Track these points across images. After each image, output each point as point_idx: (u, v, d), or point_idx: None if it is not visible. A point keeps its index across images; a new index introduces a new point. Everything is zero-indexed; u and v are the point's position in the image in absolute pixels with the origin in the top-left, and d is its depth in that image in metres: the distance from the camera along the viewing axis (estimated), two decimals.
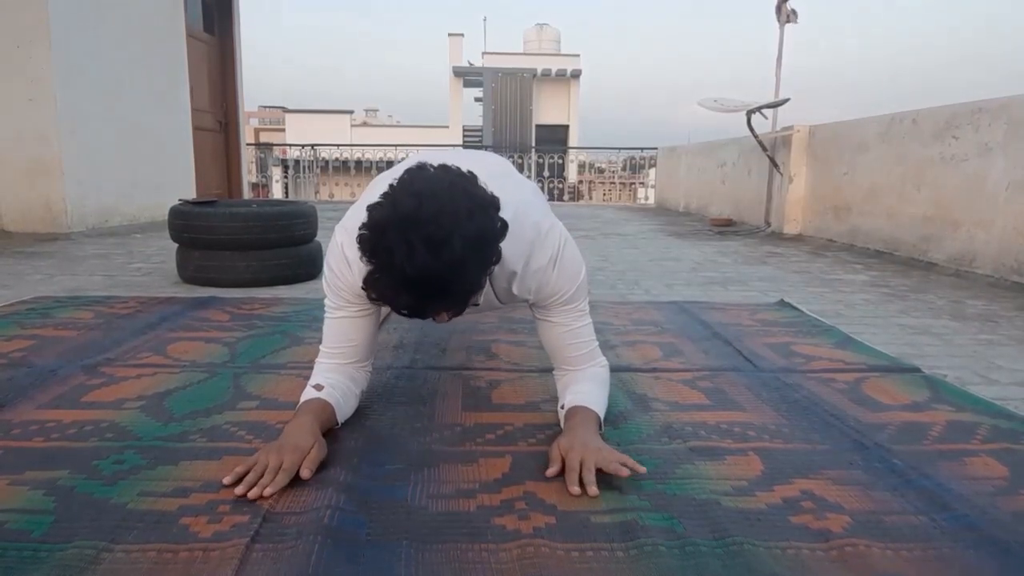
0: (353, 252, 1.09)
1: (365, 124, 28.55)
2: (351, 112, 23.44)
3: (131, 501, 0.98)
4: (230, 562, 0.82)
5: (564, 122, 18.99)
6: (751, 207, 5.73)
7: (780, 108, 5.17)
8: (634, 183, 12.46)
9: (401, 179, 1.05)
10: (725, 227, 5.78)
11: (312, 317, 2.15)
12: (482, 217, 1.03)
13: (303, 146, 11.51)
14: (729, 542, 0.89)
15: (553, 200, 10.42)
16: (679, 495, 1.02)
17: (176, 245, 2.89)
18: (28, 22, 4.24)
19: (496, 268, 1.27)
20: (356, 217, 1.11)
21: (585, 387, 1.30)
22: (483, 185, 1.10)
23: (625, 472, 1.03)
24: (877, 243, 4.02)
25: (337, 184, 11.77)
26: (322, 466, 1.09)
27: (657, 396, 1.48)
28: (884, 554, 0.87)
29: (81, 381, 1.51)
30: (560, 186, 10.37)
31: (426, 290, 1.00)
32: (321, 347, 1.33)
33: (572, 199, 10.74)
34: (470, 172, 1.10)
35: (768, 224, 5.25)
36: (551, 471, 1.07)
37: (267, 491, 0.99)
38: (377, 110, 40.28)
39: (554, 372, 1.38)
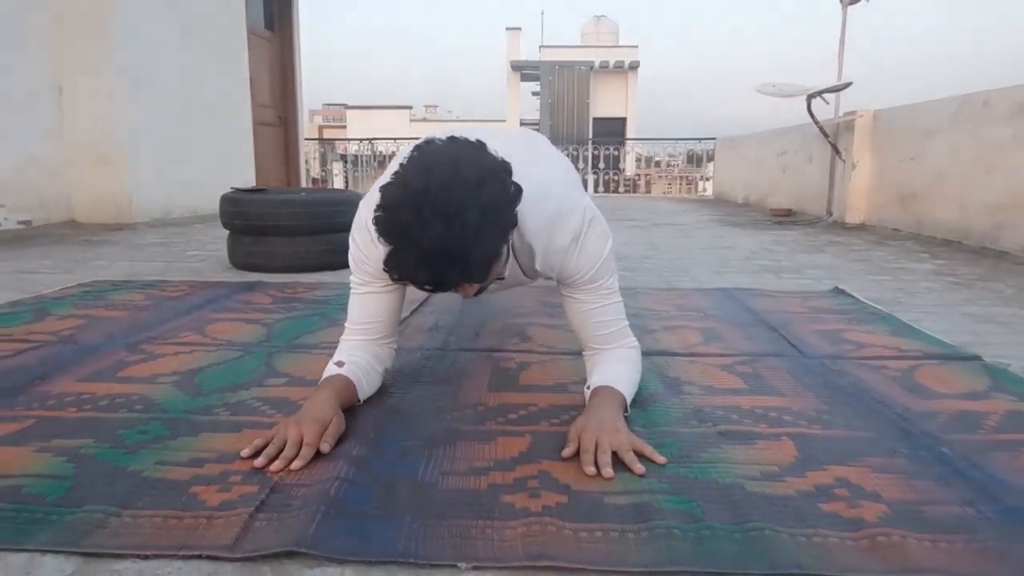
0: None
1: (425, 120, 28.92)
2: (410, 108, 23.74)
3: (147, 469, 0.99)
4: (232, 529, 0.82)
5: (621, 115, 18.74)
6: (812, 197, 5.51)
7: (843, 93, 4.95)
8: (695, 176, 12.20)
9: (410, 156, 1.04)
10: (785, 218, 5.58)
11: (338, 296, 2.16)
12: (493, 183, 1.00)
13: (361, 140, 11.70)
14: (749, 527, 0.83)
15: (608, 192, 10.29)
16: (701, 479, 0.97)
17: (228, 232, 2.96)
18: (95, 22, 4.42)
19: (516, 242, 1.25)
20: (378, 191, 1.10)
21: (612, 367, 1.25)
22: (493, 152, 1.07)
23: (640, 468, 0.98)
24: (945, 232, 3.79)
25: None
26: (340, 440, 1.08)
27: (691, 380, 1.42)
28: (921, 545, 0.80)
29: (121, 357, 1.56)
30: (616, 178, 10.22)
31: (444, 263, 0.97)
32: (346, 324, 1.33)
33: (627, 191, 10.56)
34: (478, 141, 1.07)
35: (830, 214, 5.04)
36: (566, 451, 1.03)
37: (295, 464, 0.99)
38: (437, 106, 40.70)
39: (583, 353, 1.33)
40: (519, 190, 1.06)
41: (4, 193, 4.10)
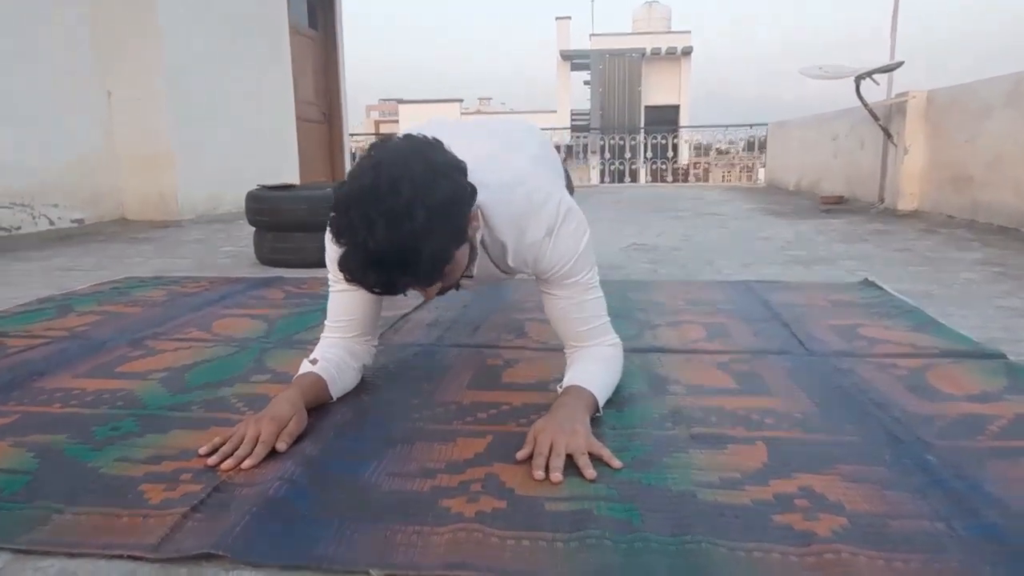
0: None
1: (479, 111, 29.00)
2: (461, 100, 23.84)
3: (105, 466, 1.00)
4: (161, 529, 0.82)
5: (674, 102, 18.35)
6: (864, 183, 5.27)
7: (897, 73, 4.70)
8: (755, 163, 11.83)
9: (363, 155, 1.02)
10: (835, 205, 5.35)
11: None
12: (444, 183, 0.97)
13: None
14: (687, 540, 0.78)
15: (656, 182, 10.10)
16: (654, 486, 0.92)
17: (254, 229, 3.02)
18: (139, 26, 4.58)
19: (486, 238, 1.22)
20: None
21: (585, 366, 1.21)
22: (448, 150, 1.04)
23: (591, 473, 0.94)
24: (1001, 218, 3.56)
25: None
26: (300, 439, 1.08)
27: (679, 379, 1.36)
28: (873, 564, 0.74)
29: (123, 353, 1.60)
30: (663, 167, 10.00)
31: (392, 265, 0.95)
32: (325, 322, 1.33)
33: (676, 180, 10.32)
34: (435, 139, 1.04)
35: (881, 200, 4.80)
36: (521, 453, 1.00)
37: (246, 464, 0.99)
38: (490, 98, 40.73)
39: (565, 351, 1.30)
40: (474, 191, 1.03)
41: (58, 193, 4.30)
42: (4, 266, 3.01)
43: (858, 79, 4.55)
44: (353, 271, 0.97)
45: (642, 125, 15.25)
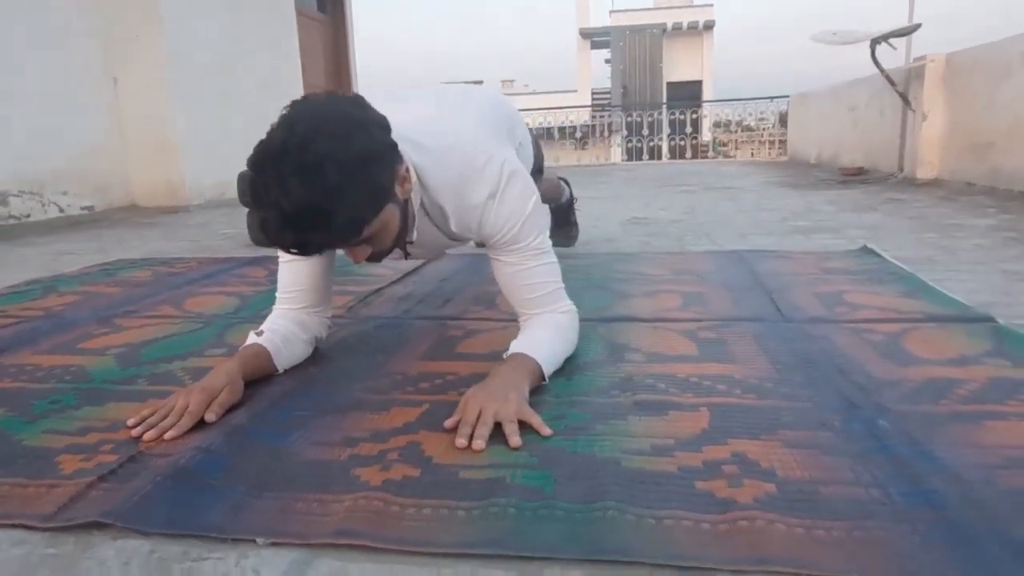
0: None
1: (508, 95, 28.75)
2: (480, 83, 23.68)
3: (30, 438, 0.99)
4: (61, 499, 0.80)
5: (697, 78, 17.99)
6: (884, 153, 5.09)
7: (915, 37, 4.51)
8: (784, 138, 11.50)
9: (280, 114, 0.97)
10: (854, 176, 5.18)
11: (343, 272, 2.14)
12: (360, 138, 0.93)
13: None
14: (596, 507, 0.74)
15: (675, 158, 9.90)
16: (579, 453, 0.87)
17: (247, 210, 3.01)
18: (144, 11, 4.59)
19: (426, 202, 1.17)
20: None
21: (532, 333, 1.17)
22: (369, 106, 1.00)
23: (515, 441, 0.90)
24: (1022, 184, 3.40)
25: None
26: (233, 409, 1.05)
27: (640, 347, 1.31)
28: (790, 532, 0.69)
29: (89, 330, 1.59)
30: (682, 143, 9.79)
31: (306, 224, 0.92)
32: (276, 294, 1.30)
33: (697, 156, 10.10)
34: (355, 96, 1.00)
35: (901, 170, 4.63)
36: (449, 422, 0.96)
37: (168, 434, 0.97)
38: (513, 81, 40.38)
39: (519, 320, 1.25)
40: (393, 147, 0.99)
41: (67, 181, 4.34)
42: (7, 251, 3.05)
43: (873, 43, 4.38)
44: (269, 232, 0.94)
45: (664, 101, 14.97)
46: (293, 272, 1.27)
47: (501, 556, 0.67)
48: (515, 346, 1.13)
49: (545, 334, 1.17)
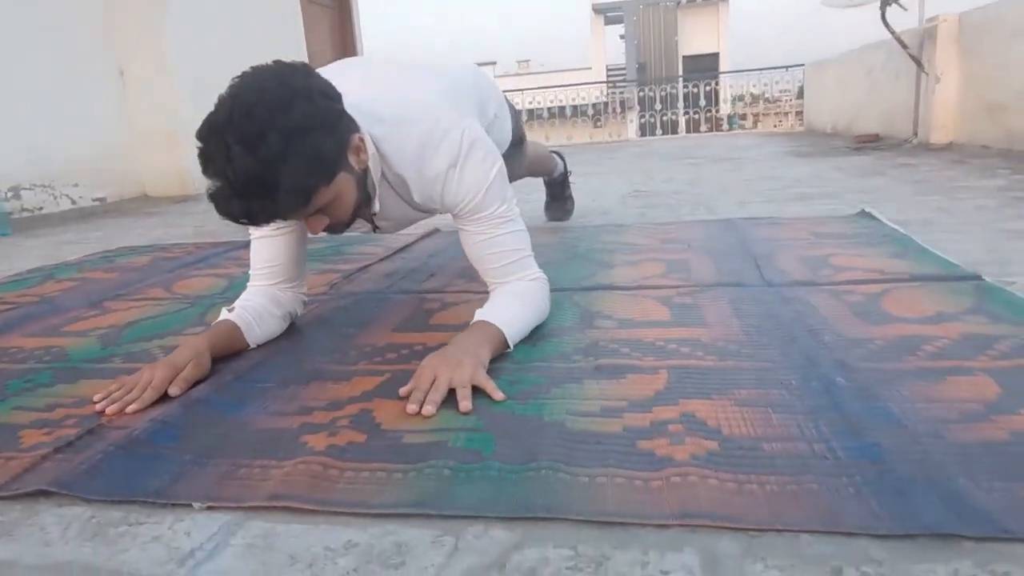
0: None
1: (518, 75, 28.57)
2: (494, 63, 23.51)
3: None
4: (15, 470, 0.82)
5: (713, 50, 17.66)
6: (900, 118, 4.96)
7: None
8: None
9: (228, 84, 0.97)
10: (869, 143, 5.06)
11: (337, 251, 2.15)
12: (302, 104, 0.93)
13: None
14: (531, 467, 0.73)
15: (694, 132, 9.76)
16: (528, 416, 0.87)
17: None
18: (148, 2, 4.61)
19: (387, 172, 1.17)
20: None
21: (497, 301, 1.16)
22: (316, 74, 0.99)
23: (465, 406, 0.89)
24: None
25: None
26: (199, 382, 1.06)
27: (612, 314, 1.29)
28: (722, 487, 0.68)
29: (78, 314, 1.62)
30: (696, 116, 9.65)
31: (252, 193, 0.92)
32: (250, 272, 1.31)
33: (714, 129, 9.94)
34: (303, 64, 1.00)
35: (916, 135, 4.52)
36: (404, 389, 0.96)
37: (130, 408, 0.98)
38: (528, 61, 40.04)
39: (489, 289, 1.25)
40: (339, 114, 0.98)
41: (78, 174, 4.40)
42: (16, 243, 3.11)
43: (883, 4, 4.25)
44: (218, 203, 0.94)
45: (680, 75, 14.73)
46: (265, 248, 1.27)
47: (425, 515, 0.67)
48: (479, 314, 1.13)
49: (509, 301, 1.16)
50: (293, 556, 0.62)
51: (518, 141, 1.70)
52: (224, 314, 1.23)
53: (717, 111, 10.00)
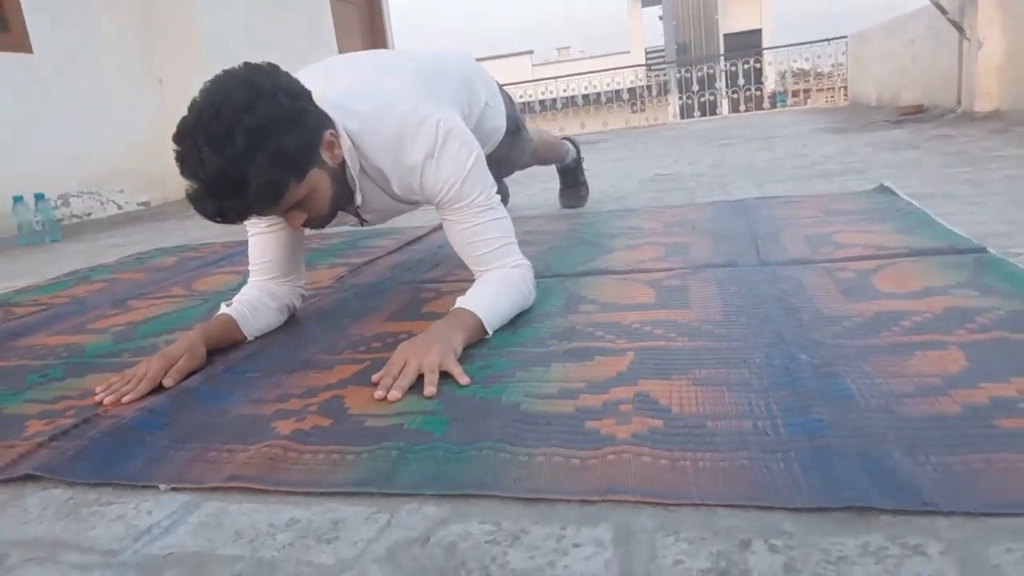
0: None
1: (559, 62, 28.37)
2: (531, 52, 23.39)
3: (11, 407, 1.08)
4: (11, 456, 0.88)
5: (755, 27, 17.17)
6: (943, 87, 4.76)
7: None
8: None
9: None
10: (911, 115, 4.88)
11: (352, 245, 2.20)
12: (266, 104, 0.97)
13: None
14: (474, 447, 0.76)
15: (736, 111, 9.54)
16: (486, 399, 0.89)
17: None
18: (181, 8, 4.77)
19: (366, 166, 1.20)
20: None
21: (475, 289, 1.19)
22: (283, 74, 1.03)
23: (429, 391, 0.92)
24: None
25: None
26: (192, 374, 1.12)
27: (596, 298, 1.30)
28: (655, 463, 0.69)
29: (102, 312, 1.71)
30: (735, 96, 9.42)
31: (223, 192, 0.97)
32: (248, 267, 1.36)
33: (757, 108, 9.68)
34: (269, 64, 1.04)
35: (959, 104, 4.33)
36: (376, 376, 0.99)
37: (126, 398, 1.04)
38: (569, 47, 39.71)
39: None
40: (303, 111, 1.01)
41: (123, 178, 4.60)
42: (63, 248, 3.28)
43: None
44: (196, 202, 0.99)
45: (721, 53, 14.38)
46: (260, 244, 1.33)
47: (367, 494, 0.70)
48: (458, 301, 1.15)
49: (489, 288, 1.18)
50: (238, 532, 0.66)
51: (514, 129, 1.71)
52: (223, 308, 1.29)
53: (759, 89, 9.74)
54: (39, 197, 3.78)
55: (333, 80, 1.21)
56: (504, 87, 1.81)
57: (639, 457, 0.70)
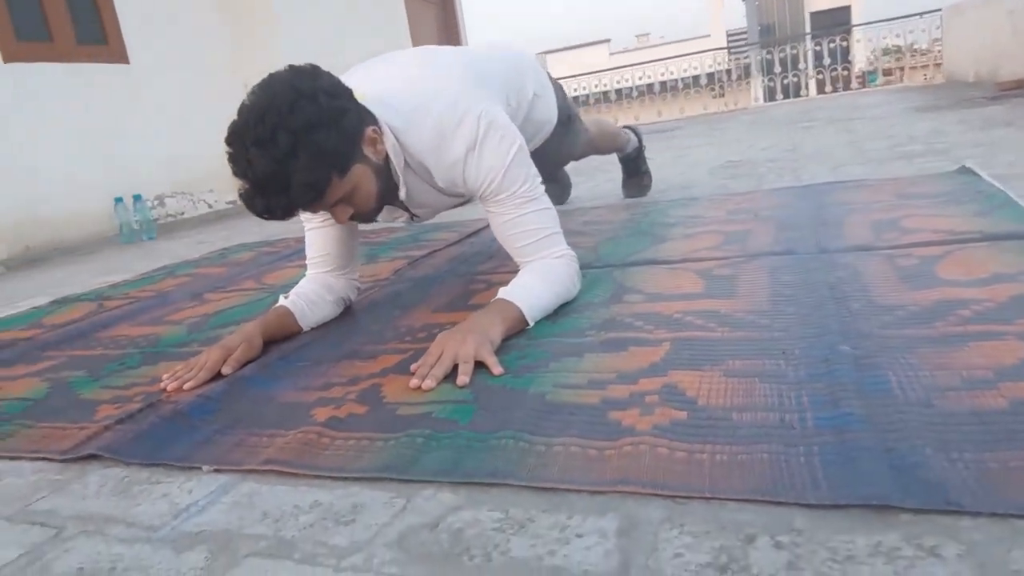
0: None
1: (637, 49, 27.91)
2: (608, 41, 23.08)
3: (88, 392, 1.17)
4: (80, 438, 0.95)
5: (844, 3, 16.29)
6: None
7: None
8: None
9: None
10: (1012, 91, 4.52)
11: (414, 239, 2.25)
12: (306, 105, 1.00)
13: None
14: (495, 436, 0.77)
15: (822, 92, 9.11)
16: (515, 389, 0.90)
17: None
18: (261, 12, 4.99)
19: (411, 162, 1.22)
20: None
21: (518, 280, 1.20)
22: (324, 74, 1.07)
23: (462, 380, 0.93)
24: None
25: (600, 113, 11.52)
26: (249, 362, 1.18)
27: (643, 288, 1.28)
28: (671, 456, 0.68)
29: (180, 305, 1.82)
30: (820, 76, 8.97)
31: (270, 190, 1.02)
32: (306, 261, 1.42)
33: (845, 88, 9.19)
34: (310, 66, 1.07)
35: None
36: (415, 365, 1.02)
37: (187, 385, 1.11)
38: (648, 34, 38.96)
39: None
40: (345, 111, 1.04)
41: (212, 179, 4.86)
42: (157, 246, 3.51)
43: None
44: (246, 201, 1.04)
45: (807, 32, 13.73)
46: (317, 239, 1.38)
47: (389, 480, 0.72)
48: (500, 292, 1.16)
49: (531, 279, 1.18)
50: (266, 513, 0.70)
51: (566, 120, 1.70)
52: (280, 300, 1.35)
53: (846, 69, 9.24)
54: (137, 198, 4.05)
55: (377, 78, 1.24)
56: (570, 78, 1.80)
57: (655, 449, 0.69)
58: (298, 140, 0.98)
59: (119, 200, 3.96)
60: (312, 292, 1.36)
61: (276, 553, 0.63)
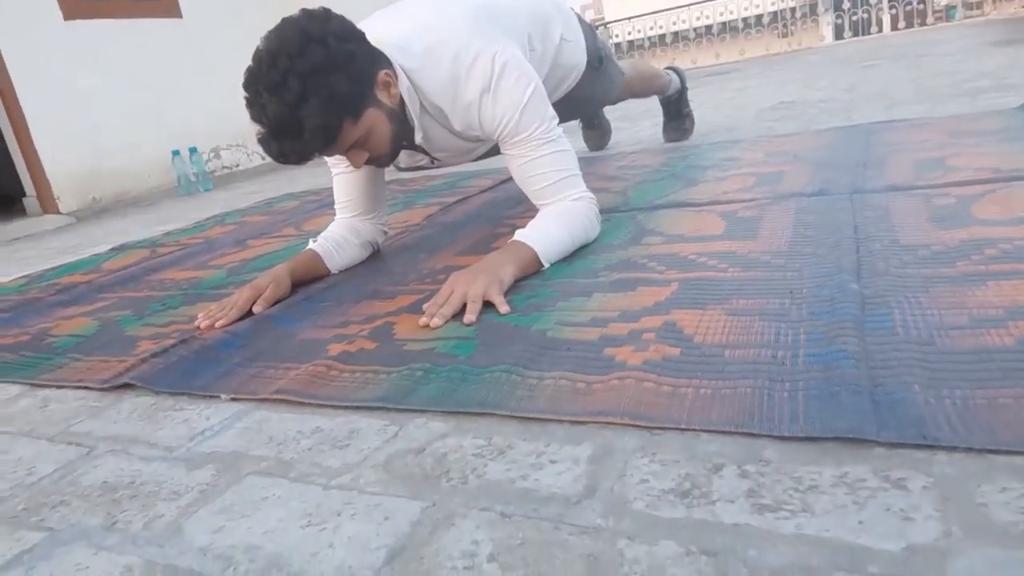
0: None
1: None
2: None
3: (132, 329, 1.25)
4: (119, 369, 1.02)
5: None
6: None
7: None
8: None
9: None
10: None
11: (451, 185, 2.27)
12: (315, 49, 1.02)
13: (602, 25, 11.20)
14: (490, 369, 0.79)
15: (898, 28, 8.56)
16: (519, 327, 0.91)
17: None
18: None
19: (428, 106, 1.22)
20: None
21: (535, 222, 1.20)
22: (335, 18, 1.07)
23: (469, 318, 0.95)
24: None
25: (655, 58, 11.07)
26: (278, 301, 1.23)
27: (664, 231, 1.27)
28: (657, 390, 0.68)
29: (224, 251, 1.89)
30: (894, 12, 8.41)
31: (283, 134, 1.04)
32: (335, 206, 1.46)
33: (922, 24, 8.60)
34: (322, 9, 1.08)
35: None
36: (427, 304, 1.04)
37: (218, 323, 1.17)
38: None
39: None
40: (353, 54, 1.05)
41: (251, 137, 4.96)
42: (212, 196, 3.64)
43: None
44: (263, 145, 1.07)
45: None
46: (343, 184, 1.41)
47: (386, 408, 0.75)
48: (516, 234, 1.17)
49: (547, 221, 1.19)
50: (271, 437, 0.74)
51: (596, 63, 1.66)
52: (310, 244, 1.39)
53: (922, 2, 8.62)
54: (193, 151, 4.18)
55: (393, 22, 1.23)
56: (624, 20, 1.74)
57: (641, 383, 0.69)
58: (308, 84, 1.00)
59: (176, 153, 4.10)
60: (339, 236, 1.40)
61: (274, 472, 0.67)
